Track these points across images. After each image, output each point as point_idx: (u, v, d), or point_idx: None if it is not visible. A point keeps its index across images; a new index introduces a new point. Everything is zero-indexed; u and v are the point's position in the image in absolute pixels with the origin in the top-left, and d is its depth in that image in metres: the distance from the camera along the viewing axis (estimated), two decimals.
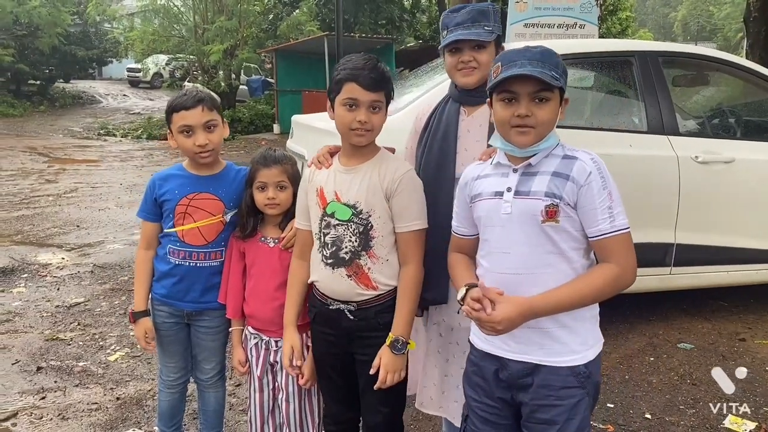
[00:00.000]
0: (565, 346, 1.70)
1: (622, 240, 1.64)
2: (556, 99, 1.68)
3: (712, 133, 4.55)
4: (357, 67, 1.92)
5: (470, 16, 2.07)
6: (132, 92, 29.31)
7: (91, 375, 3.55)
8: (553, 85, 1.62)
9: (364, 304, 2.02)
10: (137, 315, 2.38)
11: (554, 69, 1.64)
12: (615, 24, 23.72)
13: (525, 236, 1.69)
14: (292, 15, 20.55)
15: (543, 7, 7.54)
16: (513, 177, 1.73)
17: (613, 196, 1.64)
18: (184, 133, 2.25)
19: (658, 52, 4.14)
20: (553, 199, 1.65)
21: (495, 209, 1.74)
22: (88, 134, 17.87)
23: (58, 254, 5.85)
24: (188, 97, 2.25)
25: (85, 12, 24.12)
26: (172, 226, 2.32)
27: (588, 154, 1.68)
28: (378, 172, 1.99)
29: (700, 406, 3.21)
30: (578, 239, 1.69)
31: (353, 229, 1.99)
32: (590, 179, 1.63)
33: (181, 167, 2.39)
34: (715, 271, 4.12)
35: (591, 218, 1.65)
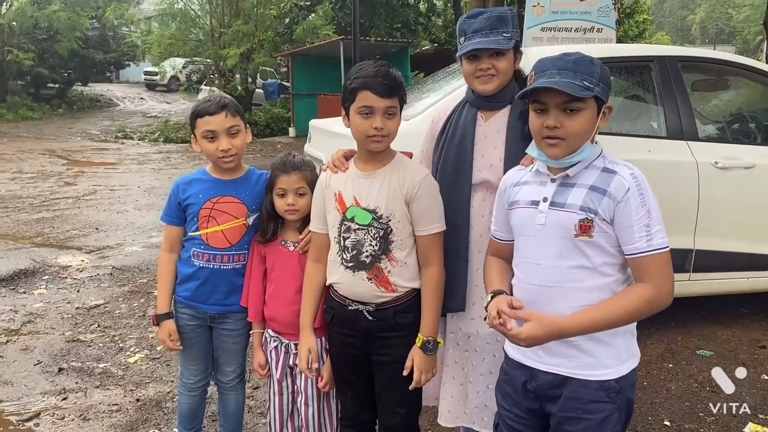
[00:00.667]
0: (596, 359, 1.67)
1: (659, 260, 1.60)
2: (591, 108, 1.64)
3: (732, 138, 4.51)
4: (369, 74, 1.93)
5: (489, 22, 2.05)
6: (149, 95, 29.58)
7: (111, 376, 3.59)
8: (580, 95, 1.58)
9: (382, 305, 2.05)
10: (160, 317, 2.41)
11: (587, 78, 1.60)
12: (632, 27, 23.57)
13: (557, 249, 1.67)
14: (308, 19, 20.61)
15: (560, 11, 7.52)
16: (550, 187, 1.70)
17: (652, 214, 1.60)
18: (207, 138, 2.29)
19: (678, 57, 4.12)
20: (588, 213, 1.62)
21: (530, 219, 1.72)
22: (106, 137, 18.06)
23: (77, 256, 5.92)
24: (212, 102, 2.29)
25: (103, 16, 24.41)
26: (196, 230, 2.35)
27: (629, 169, 1.64)
28: (397, 177, 2.01)
29: (720, 414, 3.18)
30: (614, 255, 1.65)
31: (373, 234, 2.01)
32: (628, 195, 1.59)
33: (205, 171, 2.42)
34: (735, 278, 4.09)
35: (628, 236, 1.61)
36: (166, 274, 2.43)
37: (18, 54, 21.32)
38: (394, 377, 2.06)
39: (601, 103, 1.65)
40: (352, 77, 1.98)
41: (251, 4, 17.77)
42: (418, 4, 23.50)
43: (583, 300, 1.65)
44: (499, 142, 2.13)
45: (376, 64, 1.98)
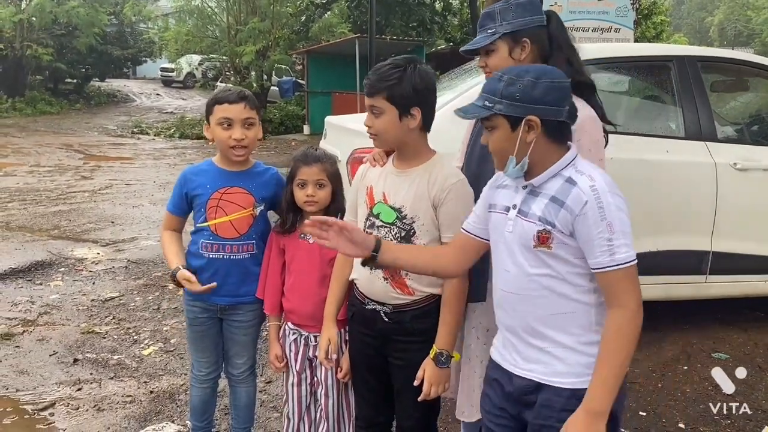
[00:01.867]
0: (569, 367, 1.63)
1: (623, 275, 1.54)
2: (501, 126, 1.62)
3: (751, 139, 4.47)
4: (369, 73, 1.97)
5: (480, 22, 2.08)
6: (165, 91, 29.77)
7: (125, 368, 3.62)
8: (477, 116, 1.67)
9: (399, 308, 2.02)
10: (174, 272, 2.35)
11: (489, 97, 1.62)
12: (649, 28, 23.35)
13: (524, 257, 1.65)
14: (324, 17, 20.63)
15: (578, 10, 7.47)
16: (521, 194, 1.69)
17: (614, 228, 1.53)
18: (223, 125, 2.30)
19: (697, 57, 4.08)
20: (546, 225, 1.59)
21: (502, 225, 1.71)
22: (122, 132, 18.20)
23: (93, 249, 5.97)
24: (233, 92, 2.32)
25: (121, 12, 24.63)
26: (204, 221, 2.36)
27: (590, 180, 1.57)
28: (428, 179, 1.96)
29: (735, 417, 3.15)
30: (578, 265, 1.60)
31: (395, 233, 1.99)
32: (585, 209, 1.54)
33: (211, 163, 2.44)
34: (752, 281, 4.05)
35: (589, 250, 1.56)
36: (171, 242, 2.44)
37: (37, 49, 21.53)
38: (410, 381, 2.02)
39: (517, 119, 1.60)
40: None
41: (268, 1, 17.83)
42: (434, 3, 23.43)
43: (553, 308, 1.62)
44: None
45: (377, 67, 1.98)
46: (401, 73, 1.90)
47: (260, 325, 2.54)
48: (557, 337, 1.64)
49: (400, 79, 1.89)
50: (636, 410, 3.19)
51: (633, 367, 3.60)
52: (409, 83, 1.90)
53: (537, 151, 1.62)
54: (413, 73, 1.91)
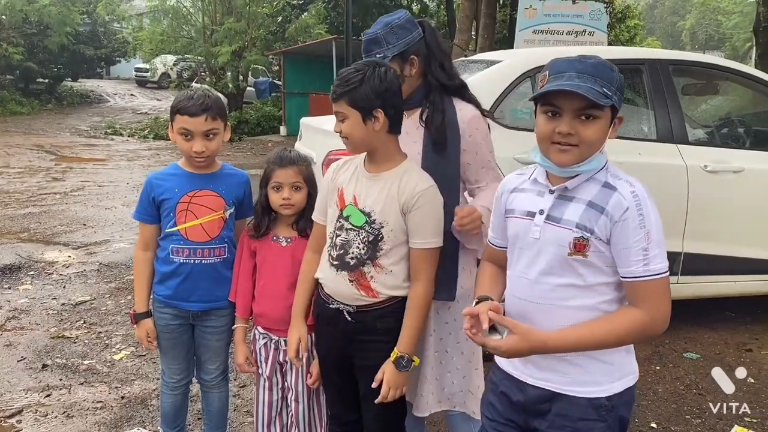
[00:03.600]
0: (588, 376, 1.59)
1: (655, 286, 1.50)
2: (606, 117, 1.53)
3: (722, 142, 4.54)
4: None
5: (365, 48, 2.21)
6: (139, 92, 29.39)
7: (96, 373, 3.55)
8: (601, 103, 1.48)
9: (362, 308, 2.02)
10: (139, 316, 2.38)
11: (606, 85, 1.49)
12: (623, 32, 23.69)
13: (548, 265, 1.58)
14: (301, 18, 20.57)
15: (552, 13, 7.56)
16: (548, 198, 1.60)
17: (651, 237, 1.49)
18: (183, 136, 2.26)
19: (668, 61, 4.14)
20: (584, 232, 1.53)
21: (524, 231, 1.63)
22: (96, 133, 17.92)
23: (64, 252, 5.86)
24: (194, 102, 2.23)
25: (94, 11, 24.29)
26: (173, 225, 2.32)
27: (630, 185, 1.53)
28: (398, 185, 1.97)
29: (706, 416, 3.20)
30: (608, 274, 1.56)
31: (363, 237, 1.99)
32: (626, 215, 1.49)
33: (177, 166, 2.40)
34: (723, 281, 4.11)
35: (623, 258, 1.51)
36: (143, 272, 2.40)
37: (7, 48, 21.09)
38: (370, 386, 2.02)
39: (615, 112, 1.55)
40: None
41: (244, 2, 17.71)
42: (411, 5, 23.50)
43: (570, 320, 1.57)
44: (418, 138, 2.18)
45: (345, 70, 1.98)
46: (361, 76, 1.90)
47: (232, 330, 2.51)
48: None
49: (361, 82, 1.90)
50: None
51: None
52: (369, 86, 1.90)
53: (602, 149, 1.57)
54: (372, 76, 1.90)
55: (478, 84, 3.82)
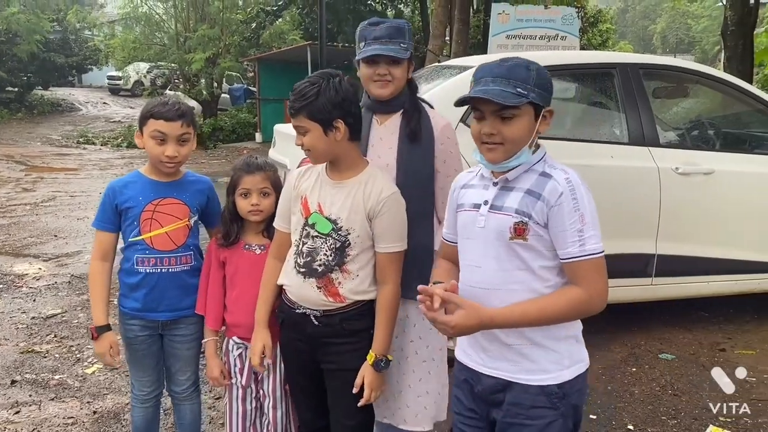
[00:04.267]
0: (536, 364, 1.67)
1: (591, 265, 1.60)
2: (527, 114, 1.63)
3: (692, 144, 4.60)
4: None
5: (388, 32, 2.18)
6: (112, 100, 28.99)
7: (67, 388, 3.48)
8: (510, 103, 1.58)
9: (329, 312, 2.04)
10: (100, 330, 2.30)
11: (520, 84, 1.60)
12: (595, 36, 23.97)
13: (495, 252, 1.67)
14: (275, 24, 20.49)
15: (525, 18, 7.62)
16: (492, 190, 1.71)
17: (585, 219, 1.59)
18: (157, 139, 2.23)
19: (639, 65, 4.19)
20: (523, 216, 1.63)
21: (472, 222, 1.74)
22: (67, 142, 17.66)
23: (34, 264, 5.75)
24: (170, 108, 2.22)
25: (64, 19, 23.92)
26: (137, 234, 2.27)
27: (564, 173, 1.64)
28: (363, 191, 2.00)
29: (681, 417, 3.22)
30: (550, 258, 1.65)
31: (330, 244, 2.01)
32: (561, 200, 1.60)
33: (140, 174, 2.35)
34: (696, 282, 4.15)
35: (561, 240, 1.61)
36: (101, 284, 2.32)
37: None
38: (342, 387, 2.05)
39: (539, 107, 1.65)
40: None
41: (217, 8, 17.61)
42: (385, 11, 23.55)
43: None
44: (393, 143, 2.23)
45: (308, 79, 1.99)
46: (317, 89, 1.92)
47: (202, 339, 2.46)
48: (526, 333, 1.67)
49: (317, 95, 1.92)
50: (586, 413, 3.22)
51: None
52: (325, 98, 1.92)
53: (533, 143, 1.68)
54: (328, 87, 1.93)
55: (452, 89, 3.84)
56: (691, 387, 3.53)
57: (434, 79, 4.24)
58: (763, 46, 10.57)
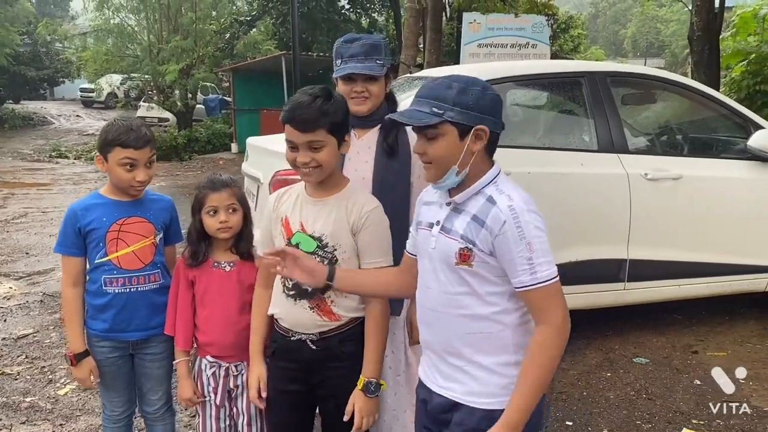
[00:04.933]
0: (484, 387, 1.65)
1: (546, 292, 1.56)
2: (449, 133, 1.60)
3: (661, 150, 4.67)
4: (293, 107, 1.88)
5: (364, 49, 2.22)
6: (85, 113, 28.68)
7: (39, 411, 3.42)
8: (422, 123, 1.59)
9: (326, 334, 2.00)
10: (79, 356, 2.28)
11: (437, 104, 1.58)
12: (567, 41, 24.31)
13: (443, 274, 1.67)
14: (249, 34, 20.48)
15: (496, 27, 7.70)
16: (444, 210, 1.70)
17: (533, 247, 1.54)
18: (126, 167, 2.21)
19: (606, 73, 4.25)
20: (468, 243, 1.60)
21: (426, 241, 1.73)
22: (39, 157, 17.40)
23: (5, 283, 5.64)
24: (137, 135, 2.20)
25: (35, 32, 23.62)
26: (104, 255, 2.25)
27: (508, 200, 1.58)
28: (345, 207, 1.97)
29: (656, 421, 3.26)
30: (498, 284, 1.62)
31: (318, 261, 1.96)
32: (504, 229, 1.56)
33: (100, 195, 2.33)
34: (667, 286, 4.20)
35: (511, 269, 1.57)
36: (75, 310, 2.29)
37: None
38: (339, 413, 1.97)
39: (464, 126, 1.60)
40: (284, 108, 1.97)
41: (190, 19, 17.51)
42: (360, 20, 23.63)
43: (470, 328, 1.64)
44: (370, 157, 2.27)
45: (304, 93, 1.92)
46: (336, 105, 1.90)
47: (173, 357, 2.42)
48: (473, 357, 1.66)
49: (337, 111, 1.90)
50: (563, 420, 3.25)
51: (559, 377, 3.68)
52: (343, 113, 1.92)
53: (475, 162, 1.64)
54: (342, 103, 1.94)
55: None
56: (665, 390, 3.57)
57: (406, 90, 4.26)
58: (730, 50, 10.78)
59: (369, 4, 23.73)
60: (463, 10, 10.14)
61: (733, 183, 4.25)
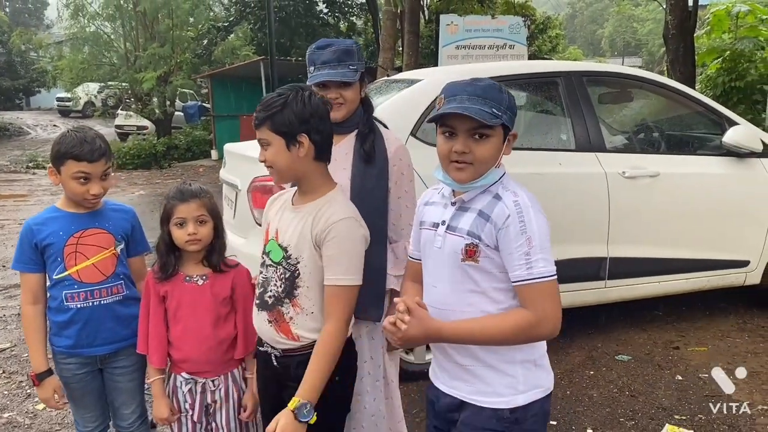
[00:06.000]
0: (490, 386, 1.67)
1: (540, 289, 1.58)
2: (498, 135, 1.64)
3: (638, 148, 4.71)
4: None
5: (336, 55, 2.19)
6: (63, 122, 28.30)
7: (17, 426, 3.35)
8: (490, 123, 1.58)
9: (287, 352, 1.94)
10: (41, 376, 2.22)
11: (496, 105, 1.60)
12: (545, 42, 24.47)
13: (450, 272, 1.68)
14: (227, 40, 20.31)
15: (473, 29, 7.73)
16: (449, 210, 1.71)
17: (532, 242, 1.57)
18: (79, 180, 2.15)
19: (582, 72, 4.27)
20: (474, 238, 1.63)
21: (431, 241, 1.74)
22: (16, 167, 17.12)
23: None
24: (91, 147, 2.13)
25: (9, 41, 23.32)
26: (63, 270, 2.19)
27: (513, 195, 1.63)
28: (314, 216, 1.86)
29: (638, 418, 3.27)
30: (502, 280, 1.64)
31: (280, 274, 1.91)
32: (508, 222, 1.59)
33: (56, 208, 2.26)
34: (648, 282, 4.23)
35: (509, 263, 1.60)
36: (37, 329, 2.22)
37: None
38: None
39: (507, 130, 1.66)
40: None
41: (167, 26, 17.39)
42: (338, 24, 23.62)
43: None
44: (347, 164, 2.23)
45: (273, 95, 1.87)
46: (284, 100, 1.82)
47: (145, 368, 2.37)
48: (480, 355, 1.67)
49: (283, 106, 1.81)
50: None
51: None
52: (291, 110, 1.81)
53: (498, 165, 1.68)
54: (295, 100, 1.82)
55: (401, 103, 3.86)
56: (647, 387, 3.59)
57: (384, 93, 4.26)
58: (705, 47, 10.91)
59: (347, 8, 23.75)
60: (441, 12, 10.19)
61: (709, 179, 4.29)
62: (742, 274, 4.43)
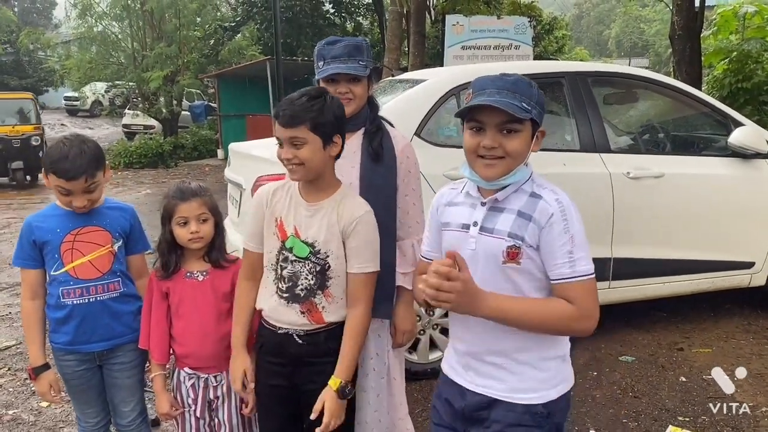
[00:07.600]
0: (524, 383, 1.66)
1: (582, 287, 1.58)
2: (528, 130, 1.61)
3: (642, 149, 4.70)
4: (282, 103, 1.91)
5: (347, 50, 2.19)
6: (71, 121, 28.45)
7: (22, 423, 3.38)
8: (520, 116, 1.56)
9: (312, 331, 2.01)
10: (38, 370, 2.25)
11: (526, 99, 1.57)
12: (552, 43, 24.40)
13: (486, 274, 1.63)
14: (234, 40, 20.35)
15: (479, 29, 7.73)
16: (480, 211, 1.67)
17: (575, 240, 1.57)
18: (61, 192, 2.16)
19: (587, 73, 4.27)
20: (516, 240, 1.60)
21: (461, 243, 1.68)
22: None
23: None
24: (71, 164, 2.09)
25: (17, 41, 23.44)
26: (60, 267, 2.21)
27: (554, 194, 1.62)
28: (337, 212, 1.97)
29: (642, 419, 3.27)
30: (542, 280, 1.63)
31: (310, 268, 1.98)
32: (552, 221, 1.57)
33: (56, 206, 2.27)
34: (652, 283, 4.22)
35: (551, 262, 1.59)
36: (34, 323, 2.25)
37: None
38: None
39: (536, 126, 1.63)
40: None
41: (174, 26, 17.43)
42: (344, 24, 23.64)
43: (507, 329, 1.63)
44: (355, 162, 2.23)
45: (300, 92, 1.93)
46: (322, 103, 1.90)
47: (144, 365, 2.39)
48: (515, 354, 1.66)
49: (322, 108, 1.89)
50: None
51: None
52: (331, 112, 1.91)
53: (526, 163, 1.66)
54: (332, 103, 1.93)
55: (406, 103, 3.86)
56: (651, 388, 3.58)
57: (390, 92, 4.26)
58: (712, 48, 10.87)
59: (353, 8, 23.76)
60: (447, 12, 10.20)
61: (714, 180, 4.28)
62: (747, 276, 4.42)
